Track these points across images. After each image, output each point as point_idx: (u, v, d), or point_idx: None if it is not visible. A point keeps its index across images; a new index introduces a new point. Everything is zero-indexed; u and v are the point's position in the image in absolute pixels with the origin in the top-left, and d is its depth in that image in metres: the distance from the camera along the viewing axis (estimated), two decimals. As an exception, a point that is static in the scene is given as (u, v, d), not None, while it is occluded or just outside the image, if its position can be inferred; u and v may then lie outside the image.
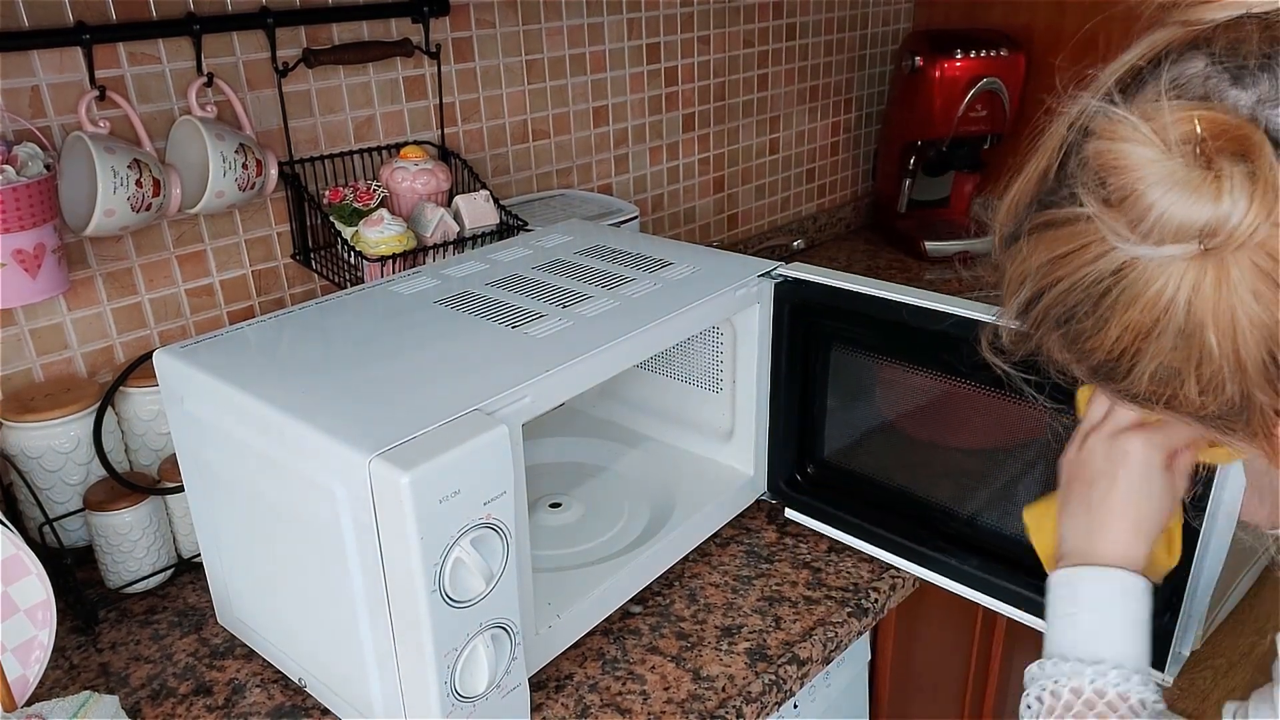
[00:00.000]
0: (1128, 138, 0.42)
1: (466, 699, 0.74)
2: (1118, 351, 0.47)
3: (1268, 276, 0.41)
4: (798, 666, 0.91)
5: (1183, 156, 0.41)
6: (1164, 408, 0.48)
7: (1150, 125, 0.42)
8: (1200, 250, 0.41)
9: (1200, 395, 0.45)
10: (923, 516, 0.98)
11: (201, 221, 1.14)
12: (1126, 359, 0.47)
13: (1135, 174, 0.42)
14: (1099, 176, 0.44)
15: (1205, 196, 0.40)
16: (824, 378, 1.02)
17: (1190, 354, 0.44)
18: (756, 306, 1.00)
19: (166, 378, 0.85)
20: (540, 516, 1.06)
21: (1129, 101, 0.45)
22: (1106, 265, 0.45)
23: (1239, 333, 0.42)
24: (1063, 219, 0.47)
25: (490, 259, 1.06)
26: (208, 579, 0.95)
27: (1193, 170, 0.40)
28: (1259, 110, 0.42)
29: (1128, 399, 0.50)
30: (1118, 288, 0.45)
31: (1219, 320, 0.42)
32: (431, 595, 0.69)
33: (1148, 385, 0.47)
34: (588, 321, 0.88)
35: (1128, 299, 0.44)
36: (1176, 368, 0.45)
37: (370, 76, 1.24)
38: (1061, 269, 0.47)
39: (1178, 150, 0.41)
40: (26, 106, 0.99)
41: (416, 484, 0.65)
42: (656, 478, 1.11)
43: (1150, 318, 0.44)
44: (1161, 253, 0.42)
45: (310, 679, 0.87)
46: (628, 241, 1.11)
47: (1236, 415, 0.46)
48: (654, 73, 1.59)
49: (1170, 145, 0.41)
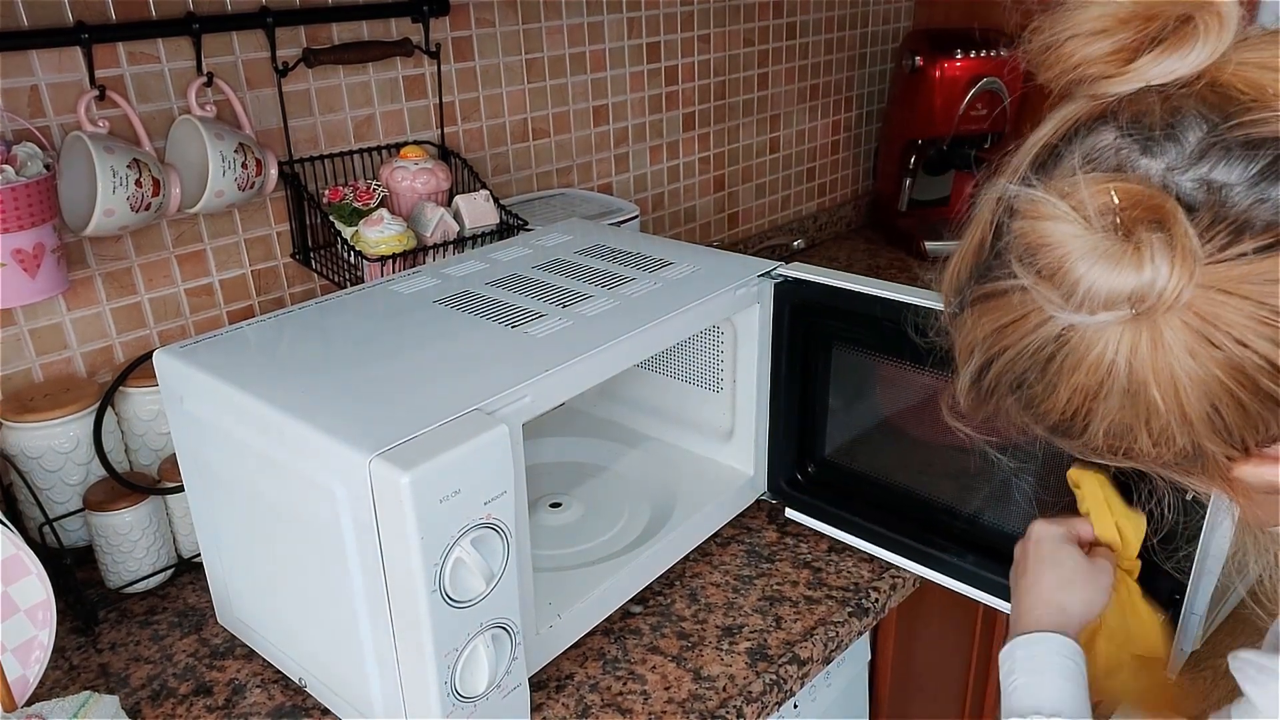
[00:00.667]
0: (1049, 216, 0.44)
1: (467, 699, 0.74)
2: (1070, 412, 0.49)
3: (1199, 335, 0.43)
4: (798, 666, 0.91)
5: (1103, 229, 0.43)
6: (1124, 458, 0.51)
7: (1069, 202, 0.44)
8: (1132, 315, 0.43)
9: (1155, 447, 0.48)
10: (924, 515, 0.98)
11: (201, 221, 1.14)
12: (1080, 418, 0.49)
13: (1061, 250, 0.44)
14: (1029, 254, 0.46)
15: (1128, 266, 0.42)
16: (824, 377, 1.02)
17: (1138, 411, 0.46)
18: (756, 306, 1.00)
19: (166, 378, 0.85)
20: (540, 516, 1.06)
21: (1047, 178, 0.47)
22: (1048, 333, 0.47)
23: (1180, 389, 0.45)
24: (1001, 290, 0.49)
25: (490, 258, 1.06)
26: (208, 579, 0.95)
27: (1114, 242, 0.42)
28: (1169, 177, 0.44)
29: (1088, 452, 0.52)
30: (1061, 353, 0.47)
31: (1160, 378, 0.45)
32: (432, 595, 0.69)
33: (1104, 440, 0.49)
34: (588, 321, 0.88)
35: (1072, 364, 0.47)
36: (1128, 424, 0.47)
37: (370, 76, 1.24)
38: (1006, 338, 0.49)
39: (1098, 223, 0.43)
40: (26, 106, 0.99)
41: (417, 484, 0.65)
42: (657, 477, 1.11)
43: (1095, 380, 0.46)
44: (1096, 320, 0.44)
45: (310, 679, 0.87)
46: (627, 241, 1.11)
47: (1192, 463, 0.49)
48: (654, 72, 1.59)
49: (1090, 219, 0.43)
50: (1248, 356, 0.43)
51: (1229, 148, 0.43)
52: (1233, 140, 0.43)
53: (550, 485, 1.12)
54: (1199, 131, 0.43)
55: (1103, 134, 0.46)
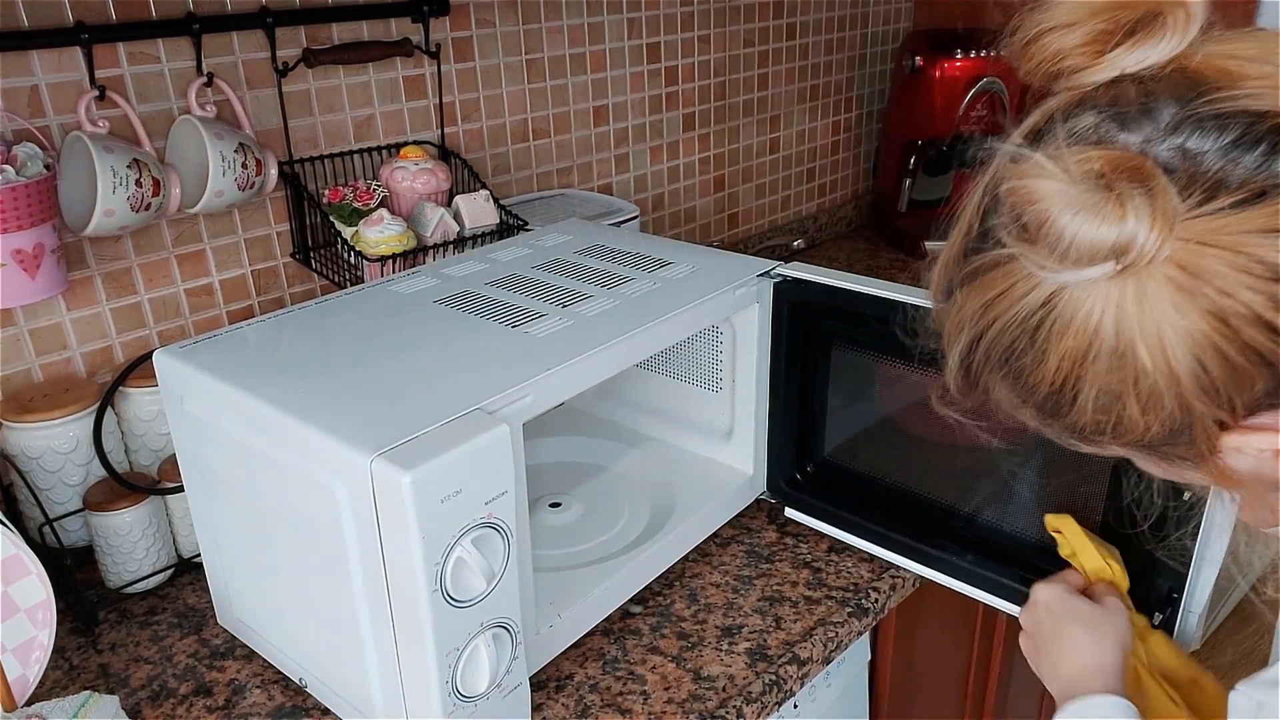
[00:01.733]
0: (1036, 174, 0.46)
1: (468, 698, 0.74)
2: (1059, 381, 0.50)
3: (1182, 288, 0.44)
4: (798, 666, 0.91)
5: (1086, 186, 0.45)
6: (1111, 438, 0.51)
7: (1054, 163, 0.46)
8: (1117, 269, 0.45)
9: (1143, 415, 0.48)
10: (924, 514, 0.98)
11: (201, 221, 1.14)
12: (1069, 388, 0.50)
13: (1045, 203, 0.45)
14: (1015, 213, 0.47)
15: (1111, 217, 0.44)
16: (824, 377, 1.02)
17: (1126, 373, 0.47)
18: (756, 306, 1.00)
19: (166, 378, 0.85)
20: (540, 516, 1.06)
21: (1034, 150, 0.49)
22: (1036, 298, 0.48)
23: (1166, 345, 0.46)
24: (989, 264, 0.50)
25: (490, 258, 1.06)
26: (208, 579, 0.95)
27: (1096, 194, 0.44)
28: (1147, 147, 0.46)
29: (1076, 435, 0.53)
30: (1049, 319, 0.48)
31: (1146, 335, 0.46)
32: (433, 595, 0.69)
33: (1092, 414, 0.50)
34: (587, 321, 0.88)
35: (1060, 328, 0.48)
36: (1116, 390, 0.48)
37: (370, 76, 1.24)
38: (994, 310, 0.50)
39: (1081, 181, 0.45)
40: (26, 106, 0.99)
41: (418, 483, 0.65)
42: (657, 477, 1.11)
43: (1084, 342, 0.47)
44: (1081, 276, 0.46)
45: (311, 679, 0.87)
46: (627, 241, 1.11)
47: (1180, 434, 0.49)
48: (654, 72, 1.59)
49: (1074, 178, 0.45)
50: (1231, 306, 0.44)
51: (1201, 120, 0.45)
52: (1205, 114, 0.45)
53: (550, 485, 1.12)
54: (1173, 109, 0.46)
55: (1083, 117, 0.49)
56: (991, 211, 0.51)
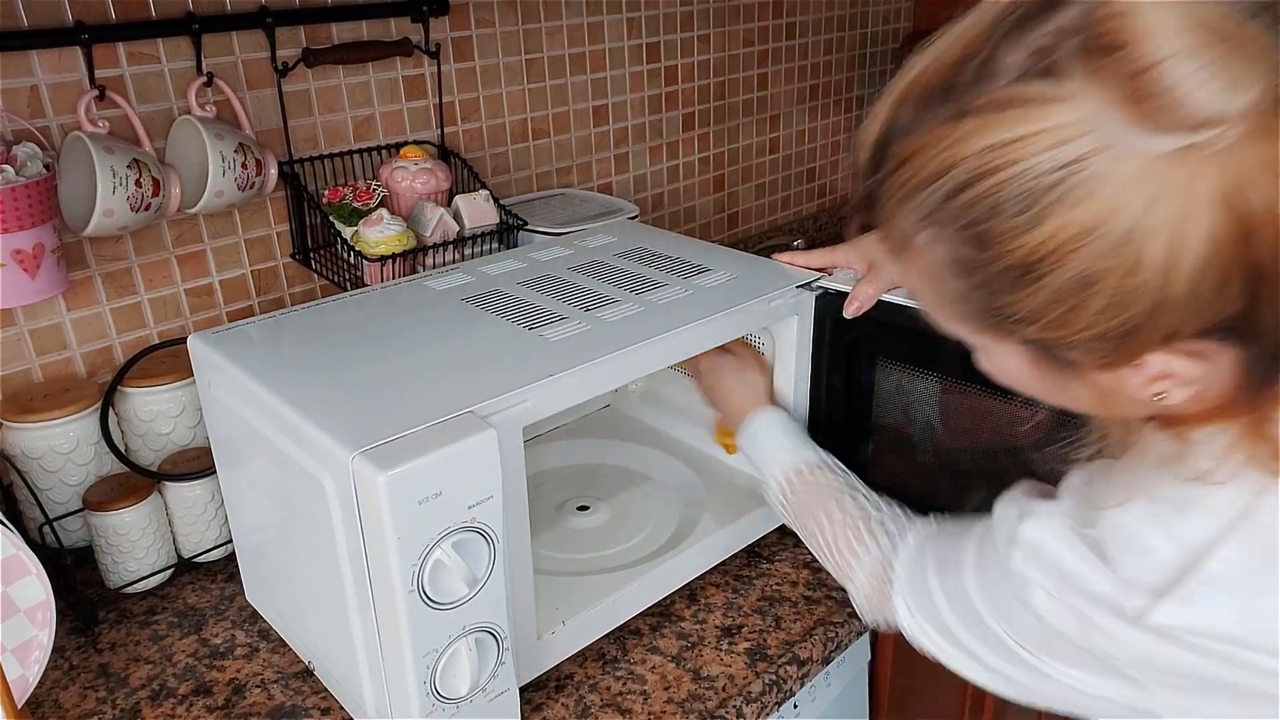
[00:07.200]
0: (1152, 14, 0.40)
1: (447, 700, 0.74)
2: (1037, 256, 0.43)
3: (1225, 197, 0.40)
4: (798, 666, 0.91)
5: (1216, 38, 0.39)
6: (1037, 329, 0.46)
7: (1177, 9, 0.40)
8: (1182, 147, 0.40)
9: (1100, 312, 0.43)
10: None
11: (201, 221, 1.14)
12: (1043, 266, 0.44)
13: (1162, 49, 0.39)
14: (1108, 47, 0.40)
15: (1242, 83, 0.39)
16: (869, 393, 0.99)
17: (1119, 262, 0.42)
18: (795, 318, 0.97)
19: (198, 361, 0.88)
20: (564, 519, 1.06)
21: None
22: (1065, 154, 0.41)
23: (1185, 244, 0.41)
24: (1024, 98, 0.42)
25: (530, 257, 1.06)
26: (237, 557, 0.96)
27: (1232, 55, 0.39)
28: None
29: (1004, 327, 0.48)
30: (1070, 181, 0.41)
31: (1171, 228, 0.41)
32: (410, 595, 0.68)
33: (1045, 299, 0.44)
34: (606, 326, 0.86)
35: (1079, 195, 0.41)
36: (1092, 281, 0.43)
37: (370, 76, 1.24)
38: (1007, 154, 0.43)
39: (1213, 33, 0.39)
40: (25, 106, 0.99)
41: (393, 483, 0.65)
42: (691, 486, 1.09)
43: (1096, 218, 0.41)
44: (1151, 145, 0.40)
45: (318, 665, 0.88)
46: (672, 245, 1.09)
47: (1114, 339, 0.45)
48: (654, 72, 1.59)
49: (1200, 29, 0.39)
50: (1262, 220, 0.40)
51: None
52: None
53: (582, 488, 1.11)
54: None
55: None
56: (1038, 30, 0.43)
